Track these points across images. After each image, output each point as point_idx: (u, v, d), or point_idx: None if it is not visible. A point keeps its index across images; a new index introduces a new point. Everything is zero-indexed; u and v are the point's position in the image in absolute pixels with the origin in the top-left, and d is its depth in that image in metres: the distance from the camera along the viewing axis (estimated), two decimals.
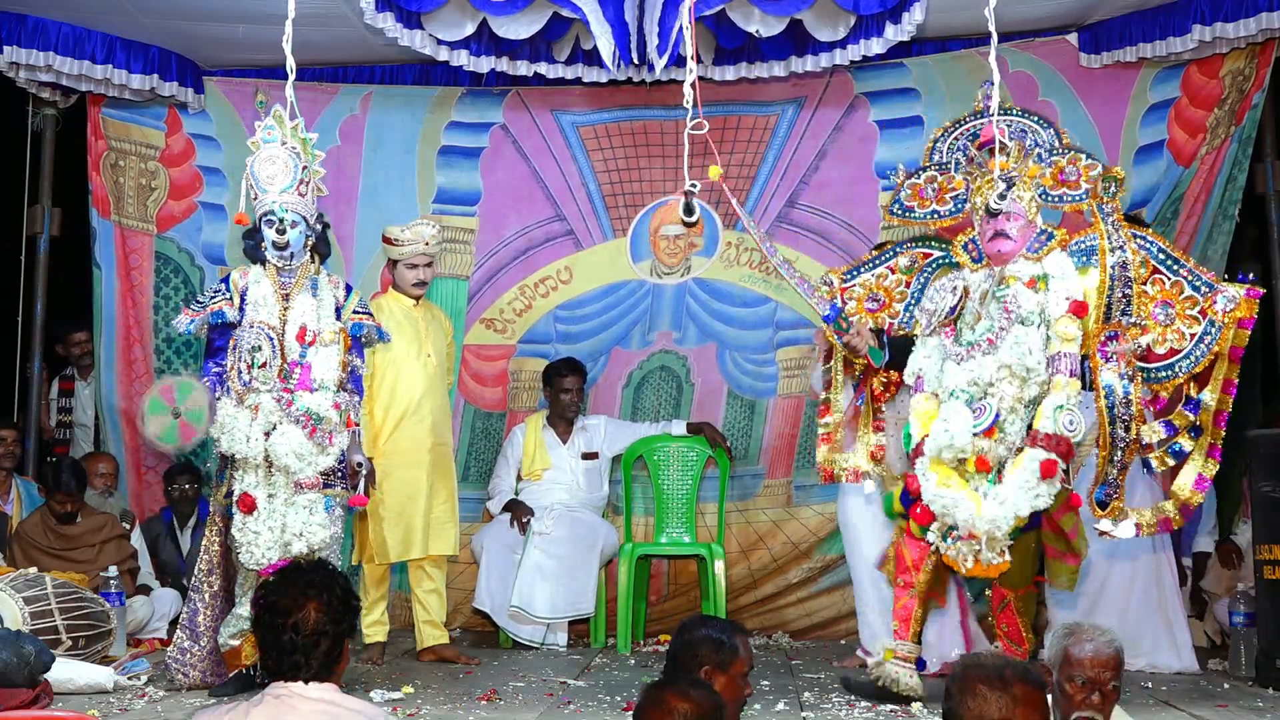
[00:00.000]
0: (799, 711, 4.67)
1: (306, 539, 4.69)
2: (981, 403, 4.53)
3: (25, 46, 6.11)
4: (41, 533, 6.09)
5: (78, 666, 4.87)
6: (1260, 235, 6.90)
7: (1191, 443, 4.62)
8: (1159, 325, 4.57)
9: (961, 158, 4.95)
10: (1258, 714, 4.64)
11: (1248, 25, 5.73)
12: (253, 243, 4.87)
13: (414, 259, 5.83)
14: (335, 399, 4.79)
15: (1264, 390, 9.43)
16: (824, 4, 5.32)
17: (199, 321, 4.83)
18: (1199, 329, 4.56)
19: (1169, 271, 4.62)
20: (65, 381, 7.44)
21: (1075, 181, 4.77)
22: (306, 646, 2.83)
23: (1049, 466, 4.38)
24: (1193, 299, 4.57)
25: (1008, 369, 4.52)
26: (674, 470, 6.65)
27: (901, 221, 5.20)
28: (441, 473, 5.89)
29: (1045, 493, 4.41)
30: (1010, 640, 4.77)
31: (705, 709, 2.74)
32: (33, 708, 4.18)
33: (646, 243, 6.96)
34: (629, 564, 6.30)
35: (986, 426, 4.49)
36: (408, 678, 5.25)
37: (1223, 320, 4.53)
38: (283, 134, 4.80)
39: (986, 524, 4.42)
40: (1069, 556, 4.64)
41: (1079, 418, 4.45)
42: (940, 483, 4.52)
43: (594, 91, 6.74)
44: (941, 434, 4.55)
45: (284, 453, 4.66)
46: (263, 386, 4.72)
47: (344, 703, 2.87)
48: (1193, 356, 4.56)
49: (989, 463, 4.49)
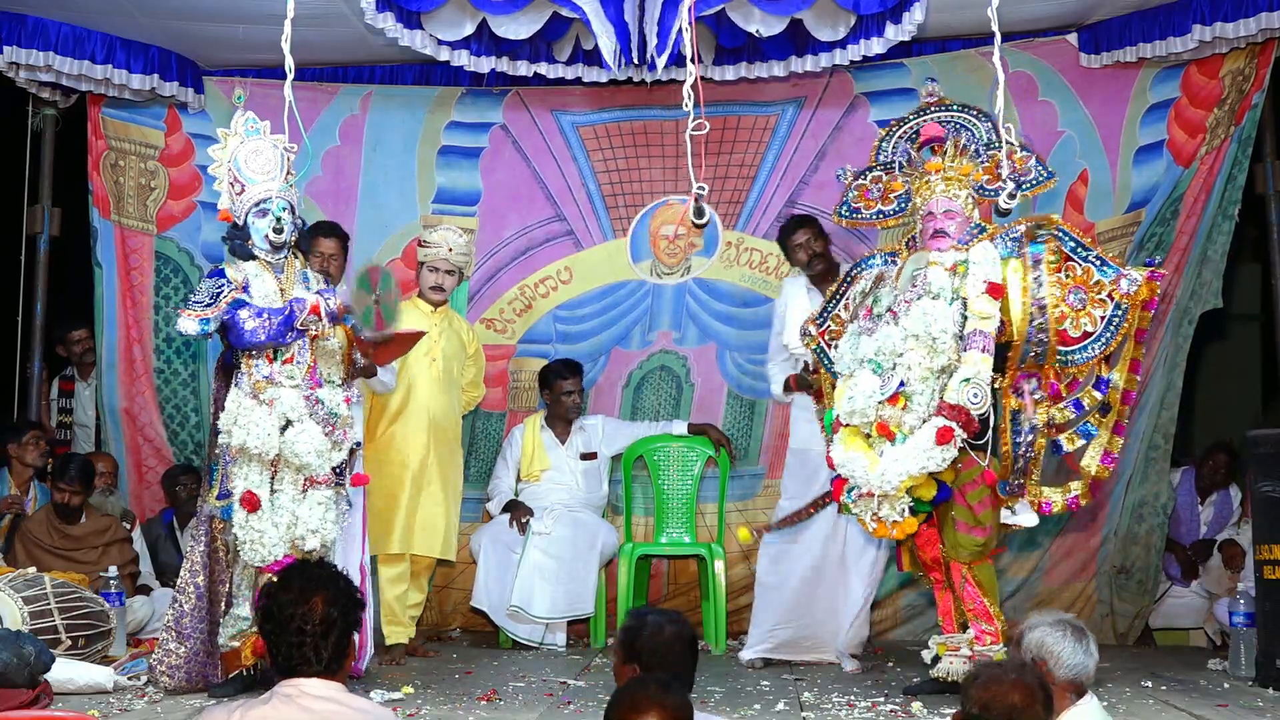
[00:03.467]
0: (799, 711, 4.67)
1: (321, 535, 4.67)
2: (890, 372, 4.69)
3: (25, 46, 6.10)
4: (46, 531, 6.09)
5: (78, 666, 4.86)
6: (1260, 235, 6.90)
7: (1099, 422, 4.75)
8: (1073, 310, 4.67)
9: (903, 159, 5.10)
10: (1258, 714, 4.64)
11: (1248, 25, 5.73)
12: (240, 240, 4.80)
13: (435, 262, 5.88)
14: (345, 394, 4.78)
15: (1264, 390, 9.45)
16: (824, 4, 5.32)
17: (215, 319, 4.65)
18: (1107, 311, 4.65)
19: (1079, 260, 4.72)
20: (65, 382, 7.43)
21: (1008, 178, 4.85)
22: (316, 636, 2.85)
23: (944, 433, 4.54)
24: (1100, 284, 4.67)
25: (914, 338, 4.67)
26: (674, 470, 6.65)
27: (849, 224, 5.36)
28: (434, 477, 5.92)
29: (938, 457, 4.55)
30: (978, 619, 4.82)
31: (678, 714, 2.73)
32: (33, 708, 4.17)
33: (646, 243, 6.96)
34: (629, 564, 6.31)
35: (891, 393, 4.66)
36: (408, 678, 5.25)
37: (1125, 302, 4.62)
38: (264, 128, 4.80)
39: (878, 478, 4.57)
40: (976, 530, 4.79)
41: (984, 392, 4.60)
42: (846, 448, 4.71)
43: (594, 91, 6.74)
44: (846, 399, 4.76)
45: (305, 451, 4.61)
46: (288, 381, 4.69)
47: (350, 702, 2.89)
48: (1103, 339, 4.67)
49: (890, 430, 4.63)
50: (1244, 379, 9.53)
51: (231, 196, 4.79)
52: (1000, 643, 4.76)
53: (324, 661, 2.86)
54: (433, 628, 6.71)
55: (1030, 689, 2.80)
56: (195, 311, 4.67)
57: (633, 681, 2.89)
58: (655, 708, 2.70)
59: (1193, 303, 6.43)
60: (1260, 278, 7.72)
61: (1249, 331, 9.29)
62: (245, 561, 4.74)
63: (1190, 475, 6.93)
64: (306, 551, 4.66)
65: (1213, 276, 6.44)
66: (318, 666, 2.85)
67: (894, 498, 4.59)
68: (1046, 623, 3.41)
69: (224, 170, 4.80)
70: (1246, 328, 9.25)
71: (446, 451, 6.03)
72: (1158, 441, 6.53)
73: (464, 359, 6.19)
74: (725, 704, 4.75)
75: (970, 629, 4.85)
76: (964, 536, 4.79)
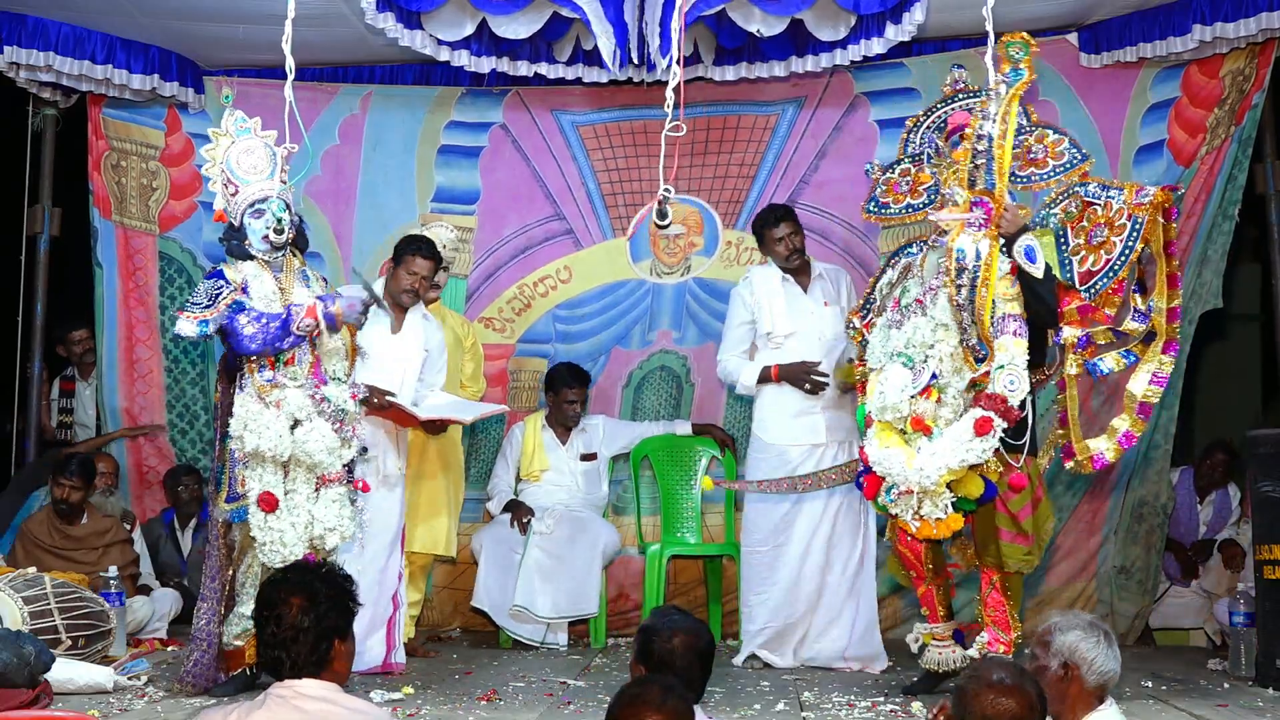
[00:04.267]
0: (799, 711, 4.67)
1: (340, 532, 4.68)
2: (922, 365, 4.59)
3: (25, 46, 6.12)
4: (46, 531, 6.09)
5: (78, 666, 4.86)
6: (1260, 235, 6.90)
7: (1143, 351, 4.66)
8: (1092, 246, 4.57)
9: (930, 150, 4.98)
10: (1258, 714, 4.64)
11: (1248, 25, 5.73)
12: (237, 240, 4.78)
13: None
14: (350, 390, 4.79)
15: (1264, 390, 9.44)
16: (824, 4, 5.33)
17: (215, 320, 4.65)
18: (1125, 232, 4.53)
19: (1099, 201, 4.62)
20: (66, 382, 7.43)
21: (1043, 160, 4.79)
22: (284, 642, 2.85)
23: (983, 423, 4.41)
24: (1120, 209, 4.56)
25: (943, 327, 4.57)
26: (679, 470, 6.64)
27: (878, 219, 5.24)
28: (435, 474, 5.95)
29: (977, 449, 4.42)
30: (996, 627, 4.75)
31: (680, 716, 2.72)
32: (33, 708, 4.17)
33: (646, 242, 6.96)
34: (659, 565, 6.29)
35: (923, 386, 4.55)
36: (408, 678, 5.25)
37: (1140, 213, 4.50)
38: (254, 126, 4.80)
39: (916, 474, 4.46)
40: (1020, 538, 4.69)
41: (1020, 378, 4.46)
42: (881, 444, 4.58)
43: (594, 91, 6.74)
44: (878, 395, 4.65)
45: (317, 449, 4.62)
46: (291, 382, 4.69)
47: (344, 702, 2.88)
48: (1124, 254, 4.53)
49: (925, 424, 4.52)
50: (1244, 379, 9.52)
51: (226, 197, 4.78)
52: (1011, 652, 4.68)
53: (297, 665, 2.85)
54: (433, 628, 6.71)
55: (1028, 697, 2.78)
56: (194, 314, 4.67)
57: (635, 682, 2.89)
58: (654, 712, 2.69)
59: (1193, 303, 6.42)
60: (1260, 278, 7.71)
61: (1249, 331, 9.28)
62: (248, 562, 4.76)
63: (1189, 475, 6.92)
64: (328, 550, 4.68)
65: (1213, 276, 6.44)
66: (291, 670, 2.85)
67: (935, 494, 4.47)
68: (1079, 625, 3.24)
69: (217, 171, 4.79)
70: (1246, 328, 9.24)
71: (447, 448, 6.03)
72: (1158, 441, 6.53)
73: (461, 354, 6.18)
74: (725, 704, 4.75)
75: (984, 633, 4.78)
76: (1007, 545, 4.69)
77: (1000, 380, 4.45)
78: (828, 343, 5.67)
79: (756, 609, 5.76)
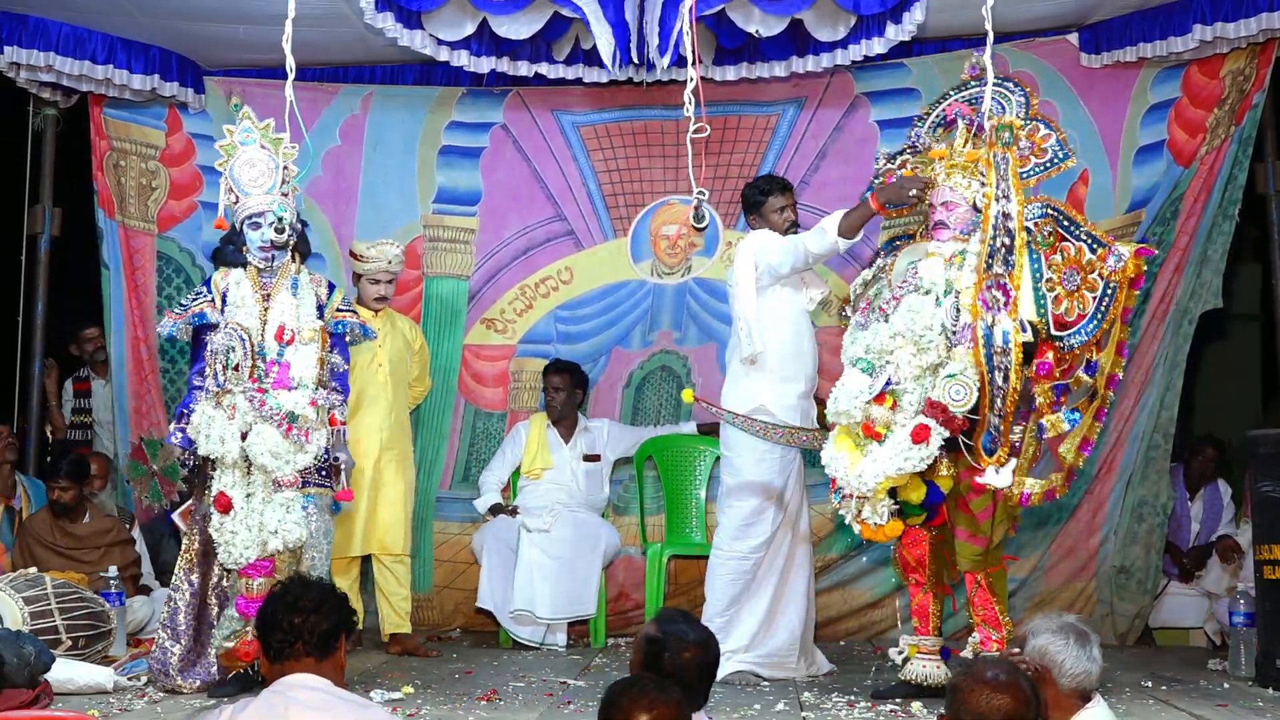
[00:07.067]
0: (799, 711, 4.67)
1: (283, 536, 4.70)
2: (881, 370, 4.63)
3: (26, 47, 6.12)
4: (48, 530, 6.09)
5: (78, 666, 4.87)
6: (1260, 235, 6.90)
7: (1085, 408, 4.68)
8: (1068, 294, 4.59)
9: (922, 145, 5.03)
10: (1258, 714, 4.64)
11: (1248, 25, 5.72)
12: (233, 247, 4.91)
13: (377, 275, 6.03)
14: (313, 396, 4.80)
15: (1264, 390, 9.43)
16: (824, 4, 5.33)
17: (180, 324, 4.89)
18: (1098, 292, 4.58)
19: (1071, 237, 4.65)
20: (80, 382, 7.44)
21: (1025, 158, 4.81)
22: (300, 629, 2.96)
23: (920, 431, 4.47)
24: (1091, 263, 4.59)
25: (900, 336, 4.61)
26: (685, 470, 6.64)
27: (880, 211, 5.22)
28: (391, 478, 6.04)
29: (915, 457, 4.48)
30: (987, 625, 4.78)
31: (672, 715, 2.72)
32: (33, 708, 4.18)
33: (647, 243, 6.96)
34: (659, 565, 6.29)
35: (877, 392, 4.59)
36: (408, 678, 5.26)
37: (1114, 280, 4.55)
38: (259, 135, 4.85)
39: (855, 479, 4.53)
40: (975, 539, 4.74)
41: (968, 389, 4.48)
42: (835, 447, 4.67)
43: (594, 91, 6.74)
44: (832, 399, 4.74)
45: (260, 452, 4.68)
46: (235, 387, 4.75)
47: (342, 695, 2.96)
48: (1096, 318, 4.58)
49: (876, 430, 4.57)
50: (1244, 379, 9.52)
51: (228, 205, 4.89)
52: (1005, 649, 4.65)
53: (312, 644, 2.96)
54: (433, 628, 6.72)
55: (1023, 693, 2.78)
56: (174, 314, 4.93)
57: (628, 680, 2.87)
58: (645, 710, 2.69)
59: (1193, 303, 6.42)
60: (1260, 278, 7.71)
61: (1249, 331, 9.28)
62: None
63: (1178, 472, 6.90)
64: (271, 553, 4.71)
65: (1213, 276, 6.43)
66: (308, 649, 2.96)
67: (875, 500, 4.54)
68: (1049, 629, 3.22)
69: (223, 179, 4.90)
70: (1246, 328, 9.24)
71: (401, 452, 6.14)
72: (1158, 441, 6.52)
73: (409, 357, 6.25)
74: (725, 704, 4.75)
75: (976, 633, 4.81)
76: (963, 545, 4.76)
77: (947, 389, 4.50)
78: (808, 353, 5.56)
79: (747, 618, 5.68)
